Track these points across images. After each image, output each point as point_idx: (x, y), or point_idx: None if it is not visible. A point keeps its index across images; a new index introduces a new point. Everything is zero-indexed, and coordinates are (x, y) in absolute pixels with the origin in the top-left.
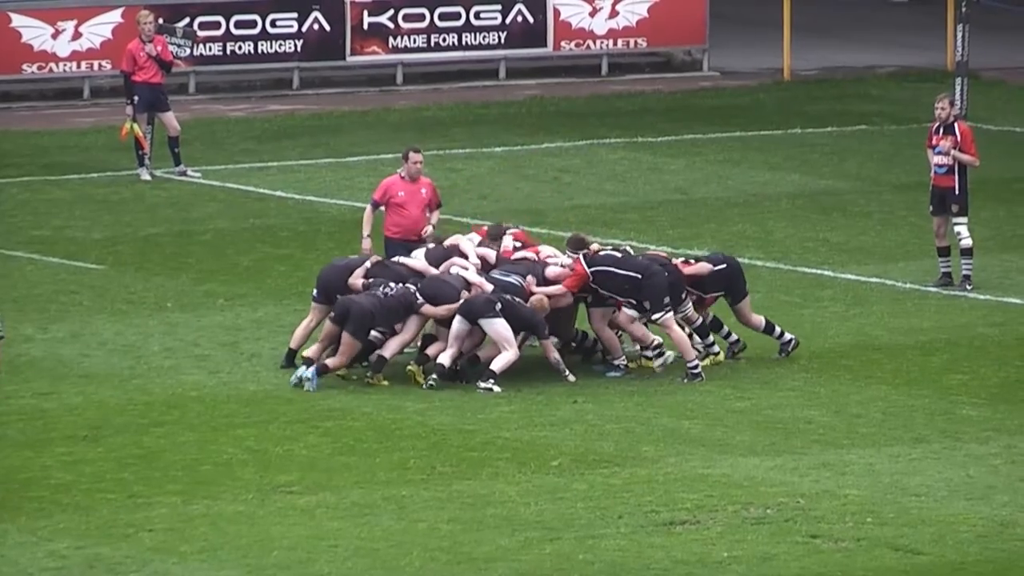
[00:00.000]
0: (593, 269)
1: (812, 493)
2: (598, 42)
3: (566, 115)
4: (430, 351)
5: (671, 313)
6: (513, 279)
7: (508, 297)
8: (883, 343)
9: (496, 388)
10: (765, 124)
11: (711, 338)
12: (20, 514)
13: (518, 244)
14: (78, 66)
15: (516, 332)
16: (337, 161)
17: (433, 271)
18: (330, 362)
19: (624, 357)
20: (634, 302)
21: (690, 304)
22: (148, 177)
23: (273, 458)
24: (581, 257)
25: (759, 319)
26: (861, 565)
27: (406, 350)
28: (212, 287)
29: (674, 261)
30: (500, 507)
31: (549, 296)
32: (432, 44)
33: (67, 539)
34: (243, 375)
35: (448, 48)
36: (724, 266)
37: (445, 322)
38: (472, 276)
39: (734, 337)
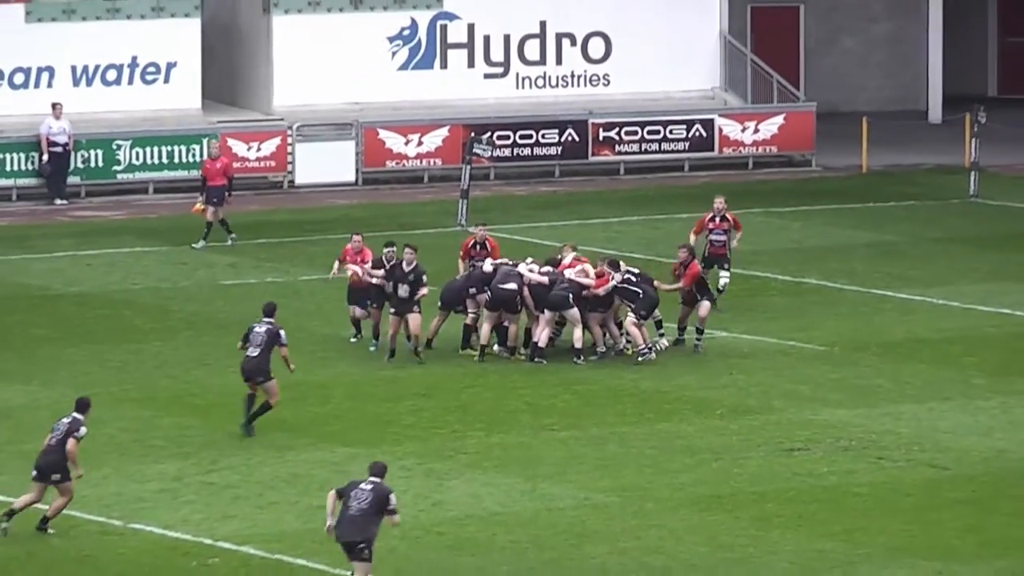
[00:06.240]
0: (618, 285)
1: (879, 431)
2: (746, 148)
3: (727, 193)
4: (482, 335)
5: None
6: (512, 284)
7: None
8: (923, 337)
9: (544, 361)
10: (851, 200)
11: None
12: (383, 442)
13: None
14: (420, 162)
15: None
16: (582, 222)
17: (541, 279)
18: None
19: (646, 345)
20: (632, 307)
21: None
22: (200, 246)
23: (542, 408)
24: (614, 273)
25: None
26: (910, 476)
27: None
28: None
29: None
30: (684, 439)
31: (582, 285)
32: (643, 149)
33: (412, 459)
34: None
35: (653, 152)
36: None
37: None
38: (534, 276)
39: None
